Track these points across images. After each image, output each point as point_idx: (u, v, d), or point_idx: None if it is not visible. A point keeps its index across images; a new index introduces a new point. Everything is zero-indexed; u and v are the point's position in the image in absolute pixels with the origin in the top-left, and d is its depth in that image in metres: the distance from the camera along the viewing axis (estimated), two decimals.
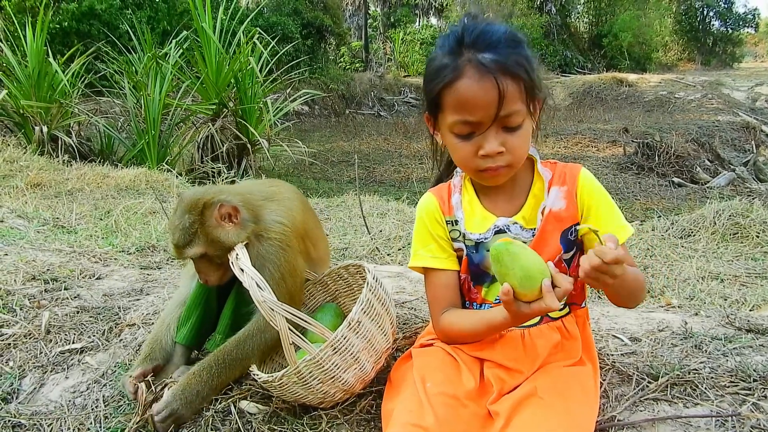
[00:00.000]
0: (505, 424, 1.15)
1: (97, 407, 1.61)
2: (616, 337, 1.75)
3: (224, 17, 7.15)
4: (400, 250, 3.18)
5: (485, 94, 1.16)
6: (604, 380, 1.47)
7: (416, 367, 1.31)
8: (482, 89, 1.17)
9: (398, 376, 1.37)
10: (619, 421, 1.33)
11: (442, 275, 1.39)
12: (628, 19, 25.28)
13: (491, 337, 1.35)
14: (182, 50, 7.19)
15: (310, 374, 1.34)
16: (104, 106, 8.04)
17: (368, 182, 8.66)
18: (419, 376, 1.27)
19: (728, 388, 1.40)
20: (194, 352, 1.71)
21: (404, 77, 21.11)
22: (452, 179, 1.43)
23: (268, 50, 7.36)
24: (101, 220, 3.87)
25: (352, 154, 10.67)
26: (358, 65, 23.22)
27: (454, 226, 1.38)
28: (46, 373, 1.79)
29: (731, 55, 32.03)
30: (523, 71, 1.19)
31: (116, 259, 2.87)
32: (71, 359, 1.84)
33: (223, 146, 7.04)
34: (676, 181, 8.10)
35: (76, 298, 2.23)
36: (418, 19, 28.69)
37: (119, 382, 1.66)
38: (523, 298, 1.13)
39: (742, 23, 32.65)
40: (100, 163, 6.03)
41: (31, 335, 1.94)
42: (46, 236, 3.29)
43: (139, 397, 1.49)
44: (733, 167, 8.73)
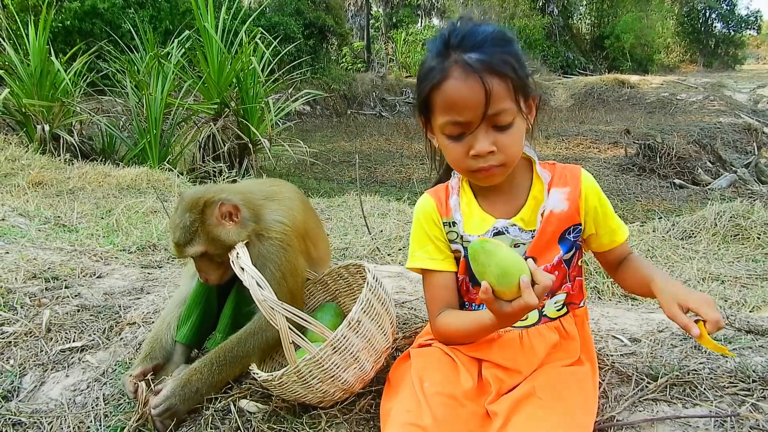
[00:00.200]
0: (503, 424, 1.15)
1: (97, 405, 1.61)
2: (615, 337, 1.75)
3: (226, 17, 7.16)
4: (400, 250, 3.18)
5: (472, 93, 1.17)
6: (603, 380, 1.47)
7: (414, 367, 1.31)
8: (469, 89, 1.17)
9: (397, 375, 1.37)
10: (618, 421, 1.33)
11: (439, 276, 1.39)
12: (630, 20, 25.26)
13: (488, 337, 1.35)
14: (184, 50, 7.19)
15: (309, 373, 1.34)
16: (106, 105, 8.05)
17: (369, 182, 8.66)
18: (417, 376, 1.27)
19: (727, 388, 1.40)
20: (194, 351, 1.72)
21: (406, 78, 21.10)
22: (450, 181, 1.43)
23: (270, 50, 7.36)
24: (102, 218, 3.87)
25: (353, 154, 10.67)
26: (360, 65, 23.21)
27: (451, 227, 1.38)
28: (46, 371, 1.79)
29: (733, 57, 32.03)
30: (509, 69, 1.18)
31: (117, 257, 2.87)
32: (72, 357, 1.84)
33: (224, 146, 7.05)
34: (677, 182, 8.09)
35: (76, 296, 2.23)
36: (420, 19, 28.69)
37: (119, 380, 1.66)
38: (502, 296, 1.12)
39: (744, 25, 32.64)
40: (101, 162, 6.03)
41: (31, 333, 1.95)
42: (47, 235, 3.29)
43: (139, 395, 1.49)
44: (734, 169, 8.72)
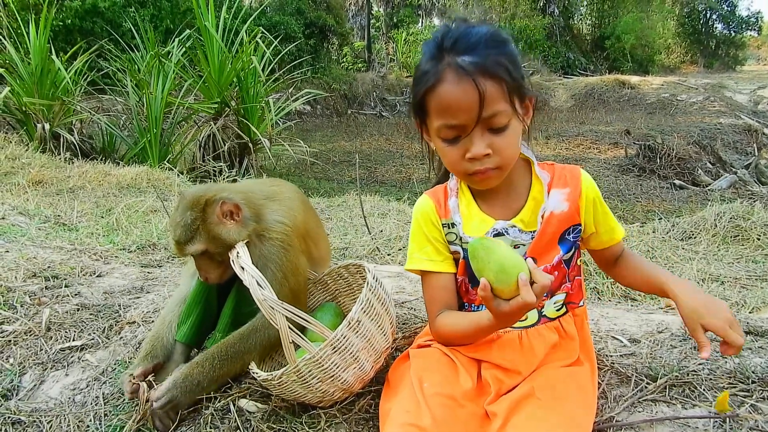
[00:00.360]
0: (502, 424, 1.15)
1: (96, 404, 1.62)
2: (615, 338, 1.75)
3: (227, 16, 7.16)
4: (400, 250, 3.18)
5: (466, 96, 1.16)
6: (602, 381, 1.47)
7: (414, 368, 1.31)
8: (462, 92, 1.16)
9: (396, 376, 1.37)
10: (617, 421, 1.33)
11: (438, 278, 1.39)
12: (630, 21, 25.24)
13: (487, 338, 1.35)
14: (185, 49, 7.19)
15: (309, 373, 1.34)
16: (106, 104, 8.05)
17: (369, 182, 8.67)
18: (417, 376, 1.27)
19: (727, 389, 1.40)
20: (194, 350, 1.72)
21: (406, 77, 21.07)
22: (449, 182, 1.43)
23: (270, 49, 7.37)
24: (102, 217, 3.88)
25: (353, 154, 10.67)
26: (360, 65, 23.20)
27: (450, 228, 1.38)
28: (46, 370, 1.79)
29: (734, 57, 32.01)
30: (503, 71, 1.18)
31: (117, 256, 2.87)
32: (71, 356, 1.84)
33: (224, 145, 7.05)
34: (677, 183, 8.09)
35: (76, 295, 2.23)
36: (421, 19, 28.68)
37: (119, 379, 1.66)
38: (501, 294, 1.12)
39: (745, 26, 32.63)
40: (101, 161, 6.03)
41: (31, 332, 1.95)
42: (47, 233, 3.29)
43: (140, 395, 1.49)
44: (734, 170, 8.72)
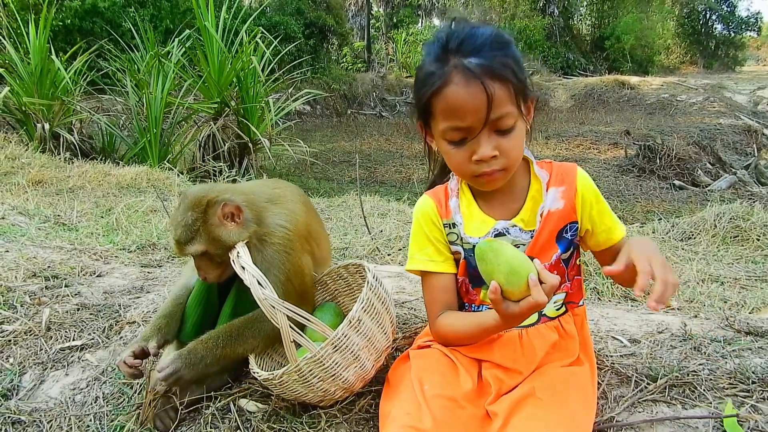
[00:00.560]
0: (503, 424, 1.15)
1: (96, 404, 1.62)
2: (615, 338, 1.75)
3: (227, 16, 7.15)
4: (400, 250, 3.18)
5: (473, 99, 1.16)
6: (602, 381, 1.47)
7: (414, 369, 1.31)
8: (470, 94, 1.16)
9: (396, 376, 1.37)
10: (617, 422, 1.33)
11: (439, 278, 1.39)
12: (630, 21, 25.24)
13: (488, 338, 1.36)
14: (185, 49, 7.19)
15: (310, 372, 1.34)
16: (106, 104, 8.04)
17: (369, 182, 8.67)
18: (417, 378, 1.27)
19: (727, 390, 1.40)
20: None
21: (406, 78, 21.08)
22: (449, 183, 1.43)
23: (270, 50, 7.36)
24: (102, 217, 3.87)
25: (353, 154, 10.68)
26: (360, 65, 23.19)
27: (451, 229, 1.38)
28: (46, 370, 1.79)
29: (733, 58, 32.02)
30: (510, 73, 1.18)
31: (117, 256, 2.87)
32: (71, 356, 1.84)
33: (224, 145, 7.04)
34: (677, 183, 8.09)
35: (76, 295, 2.23)
36: (420, 19, 28.69)
37: (119, 356, 1.60)
38: (510, 296, 1.12)
39: (744, 27, 32.64)
40: (101, 160, 6.03)
41: (31, 332, 1.95)
42: (47, 233, 3.29)
43: (146, 370, 1.46)
44: (734, 170, 8.73)
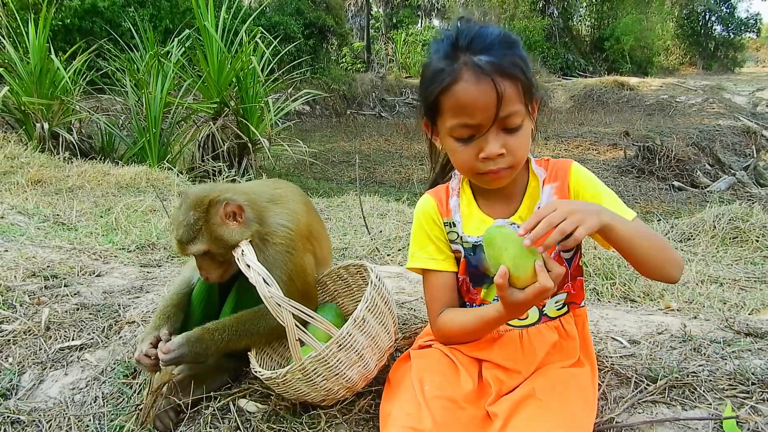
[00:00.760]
0: (503, 425, 1.15)
1: (96, 404, 1.62)
2: (615, 339, 1.75)
3: (226, 16, 7.15)
4: (400, 250, 3.18)
5: (483, 96, 1.16)
6: (602, 382, 1.47)
7: (414, 369, 1.31)
8: (480, 92, 1.16)
9: (397, 377, 1.37)
10: (617, 423, 1.33)
11: (439, 276, 1.40)
12: (630, 22, 25.25)
13: (488, 337, 1.36)
14: (184, 49, 7.18)
15: (314, 371, 1.33)
16: (105, 103, 8.03)
17: (369, 183, 8.67)
18: (417, 378, 1.27)
19: (727, 391, 1.40)
20: None
21: (406, 78, 21.10)
22: (450, 182, 1.43)
23: (270, 50, 7.36)
24: (101, 217, 3.87)
25: (352, 154, 10.68)
26: (359, 66, 23.18)
27: (451, 228, 1.38)
28: (45, 369, 1.79)
29: (733, 59, 32.03)
30: (519, 71, 1.19)
31: (116, 256, 2.87)
32: (71, 356, 1.84)
33: (224, 145, 7.04)
34: (676, 184, 8.10)
35: (75, 295, 2.23)
36: (420, 20, 28.69)
37: (138, 338, 1.58)
38: (516, 282, 1.11)
39: (743, 28, 32.65)
40: (100, 160, 6.02)
41: (30, 332, 1.95)
42: (46, 233, 3.29)
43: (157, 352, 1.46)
44: (733, 171, 8.74)
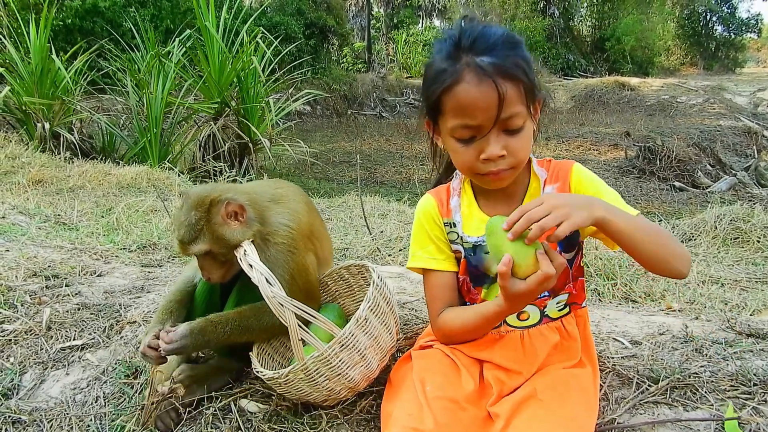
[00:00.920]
0: (504, 425, 1.15)
1: (97, 404, 1.62)
2: (616, 340, 1.75)
3: (227, 16, 7.16)
4: (401, 251, 3.18)
5: (485, 97, 1.16)
6: (604, 383, 1.47)
7: (416, 369, 1.31)
8: (482, 93, 1.16)
9: (398, 377, 1.37)
10: (619, 423, 1.33)
11: (440, 276, 1.40)
12: (631, 23, 25.24)
13: (489, 337, 1.36)
14: (185, 49, 7.19)
15: (317, 371, 1.33)
16: (106, 103, 8.04)
17: (370, 183, 8.67)
18: (419, 379, 1.27)
19: (728, 392, 1.40)
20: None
21: (406, 78, 21.12)
22: (451, 182, 1.43)
23: (270, 50, 7.36)
24: (102, 217, 3.87)
25: (353, 154, 10.68)
26: (360, 66, 23.19)
27: (452, 228, 1.38)
28: (46, 369, 1.79)
29: (734, 60, 31.99)
30: (521, 73, 1.18)
31: (117, 256, 2.87)
32: (72, 356, 1.84)
33: (224, 145, 7.04)
34: (677, 185, 8.10)
35: (77, 294, 2.23)
36: (421, 20, 28.69)
37: (143, 336, 1.57)
38: (517, 271, 1.11)
39: (744, 28, 32.61)
40: (101, 160, 6.03)
41: (31, 331, 1.95)
42: (47, 233, 3.29)
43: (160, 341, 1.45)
44: (734, 172, 8.73)
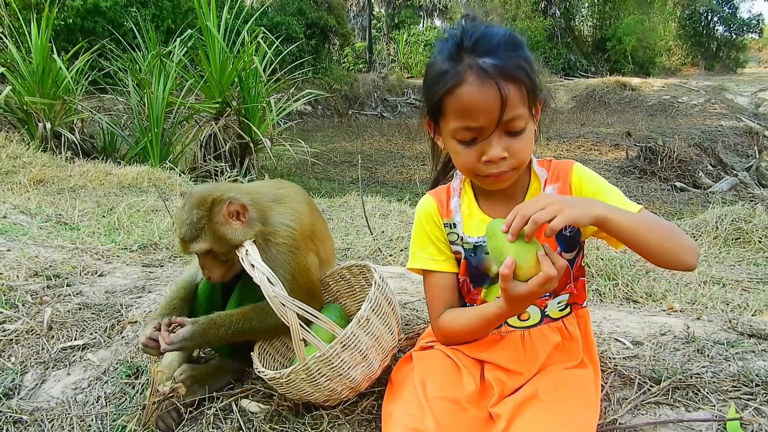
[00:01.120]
0: (506, 426, 1.15)
1: (98, 404, 1.61)
2: (618, 340, 1.75)
3: (229, 16, 7.17)
4: (402, 251, 3.18)
5: (487, 99, 1.15)
6: (605, 383, 1.47)
7: (417, 370, 1.31)
8: (484, 95, 1.15)
9: (399, 377, 1.37)
10: (620, 424, 1.33)
11: (440, 277, 1.39)
12: (632, 23, 25.23)
13: (490, 338, 1.35)
14: (186, 49, 7.20)
15: (318, 371, 1.33)
16: (108, 103, 8.05)
17: (370, 183, 8.67)
18: (419, 379, 1.27)
19: (730, 392, 1.40)
20: (197, 350, 1.71)
21: (407, 78, 21.13)
22: (452, 182, 1.43)
23: (272, 50, 7.37)
24: (104, 217, 3.87)
25: (354, 154, 10.68)
26: (361, 66, 23.21)
27: (452, 229, 1.38)
28: (47, 369, 1.79)
29: (735, 60, 31.97)
30: (523, 74, 1.18)
31: (118, 256, 2.87)
32: (73, 356, 1.84)
33: (225, 145, 7.05)
34: (678, 185, 8.08)
35: (78, 294, 2.23)
36: (422, 20, 28.69)
37: (143, 327, 1.54)
38: (518, 272, 1.10)
39: (746, 28, 32.58)
40: (102, 160, 6.03)
41: (33, 331, 1.95)
42: (48, 232, 3.29)
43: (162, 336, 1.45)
44: (735, 172, 8.71)
